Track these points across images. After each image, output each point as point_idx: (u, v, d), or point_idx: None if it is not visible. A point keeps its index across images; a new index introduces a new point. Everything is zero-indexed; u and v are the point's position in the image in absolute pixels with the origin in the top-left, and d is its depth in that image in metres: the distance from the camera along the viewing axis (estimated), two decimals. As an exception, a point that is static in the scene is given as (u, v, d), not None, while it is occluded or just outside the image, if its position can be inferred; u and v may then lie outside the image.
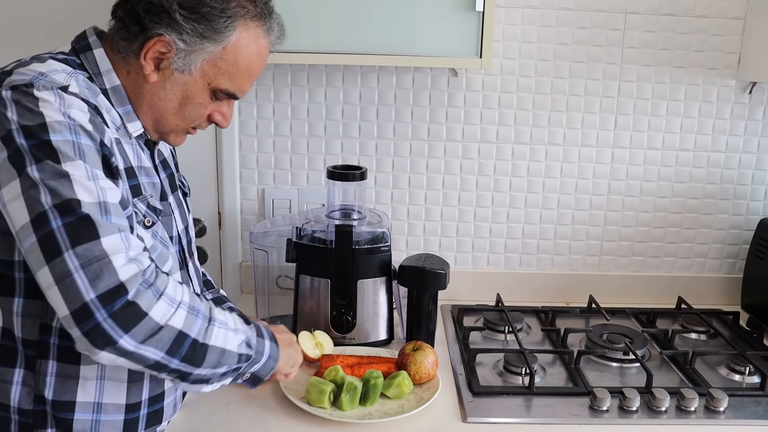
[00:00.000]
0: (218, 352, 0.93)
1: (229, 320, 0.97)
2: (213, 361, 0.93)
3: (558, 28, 1.56)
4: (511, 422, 1.16)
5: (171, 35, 0.94)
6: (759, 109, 1.62)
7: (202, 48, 0.96)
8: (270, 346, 1.05)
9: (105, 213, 0.85)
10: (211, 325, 0.92)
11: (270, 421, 1.13)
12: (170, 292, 0.88)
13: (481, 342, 1.47)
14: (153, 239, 1.00)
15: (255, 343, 1.00)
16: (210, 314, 0.93)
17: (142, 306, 0.84)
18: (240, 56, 0.99)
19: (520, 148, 1.63)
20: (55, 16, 1.48)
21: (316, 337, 1.30)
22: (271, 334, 1.07)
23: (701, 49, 1.58)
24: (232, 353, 0.95)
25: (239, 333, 0.97)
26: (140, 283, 0.84)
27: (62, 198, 0.82)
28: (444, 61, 1.34)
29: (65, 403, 0.96)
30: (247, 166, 1.65)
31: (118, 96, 0.99)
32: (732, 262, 1.72)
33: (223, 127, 1.08)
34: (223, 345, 0.93)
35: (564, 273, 1.71)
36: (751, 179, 1.67)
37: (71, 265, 0.81)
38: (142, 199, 0.99)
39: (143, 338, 0.84)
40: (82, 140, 0.87)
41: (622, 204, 1.68)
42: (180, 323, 0.88)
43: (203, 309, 0.93)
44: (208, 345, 0.91)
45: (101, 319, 0.81)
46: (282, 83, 1.59)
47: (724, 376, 1.33)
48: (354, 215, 1.44)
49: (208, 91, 1.01)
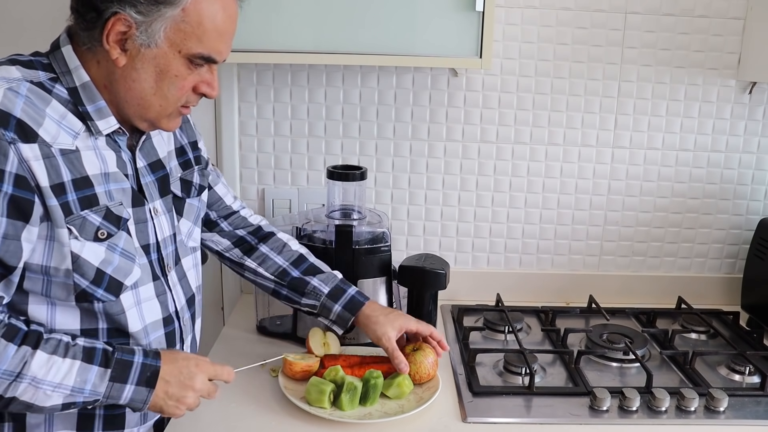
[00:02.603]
0: (25, 405, 0.90)
1: (50, 374, 0.90)
2: (20, 408, 0.90)
3: (558, 28, 1.56)
4: (511, 422, 1.16)
5: (126, 10, 0.90)
6: (759, 109, 1.62)
7: (160, 14, 0.92)
8: (133, 391, 0.95)
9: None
10: (16, 383, 0.88)
11: (270, 421, 1.13)
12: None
13: (481, 342, 1.47)
14: (109, 252, 0.96)
15: (101, 392, 0.93)
16: (20, 370, 0.88)
17: None
18: (203, 15, 0.94)
19: (520, 148, 1.63)
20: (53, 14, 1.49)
21: (326, 337, 1.29)
22: (141, 378, 0.96)
23: (701, 49, 1.58)
24: (48, 408, 0.91)
25: (59, 389, 0.91)
26: None
27: None
28: (444, 61, 1.34)
29: None
30: (247, 166, 1.64)
31: (89, 93, 0.96)
32: (732, 262, 1.72)
33: (211, 97, 1.02)
34: (32, 401, 0.90)
35: (564, 273, 1.71)
36: (751, 179, 1.67)
37: None
38: (97, 210, 0.95)
39: None
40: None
41: (622, 204, 1.68)
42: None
43: (9, 366, 0.88)
44: (14, 398, 0.89)
45: None
46: (282, 83, 1.59)
47: (724, 376, 1.33)
48: (354, 215, 1.44)
49: (183, 60, 0.96)
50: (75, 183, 0.93)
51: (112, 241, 0.97)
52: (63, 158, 0.92)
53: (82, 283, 0.94)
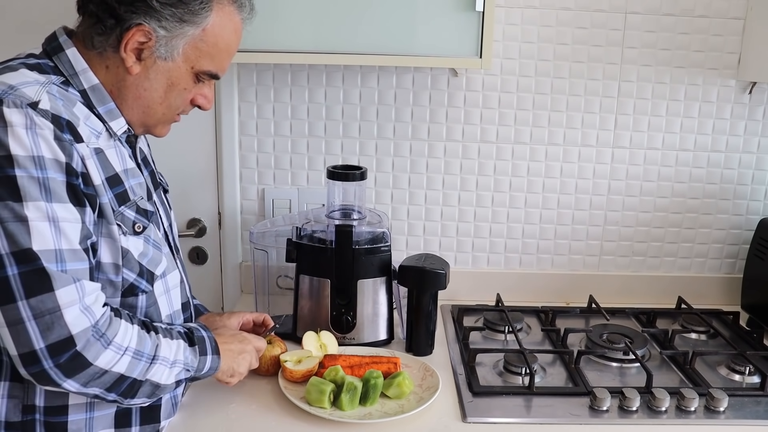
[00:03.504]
0: (153, 385, 0.96)
1: (171, 353, 0.98)
2: (148, 392, 0.97)
3: (558, 28, 1.56)
4: (511, 422, 1.16)
5: (150, 23, 0.93)
6: (759, 109, 1.62)
7: (182, 32, 0.96)
8: (211, 360, 1.06)
9: (60, 261, 0.86)
10: (152, 365, 0.95)
11: (270, 421, 1.13)
12: (119, 341, 0.91)
13: (481, 342, 1.47)
14: (145, 244, 1.00)
15: (195, 366, 1.02)
16: (155, 353, 0.96)
17: (89, 357, 0.88)
18: (219, 36, 1.00)
19: (520, 148, 1.63)
20: (49, 12, 1.49)
21: (321, 338, 1.30)
22: (213, 347, 1.06)
23: (701, 49, 1.58)
24: (168, 385, 0.99)
25: (176, 365, 0.99)
26: (90, 335, 0.87)
27: (19, 246, 0.83)
28: (444, 61, 1.34)
29: (58, 408, 0.97)
30: (247, 166, 1.64)
31: (98, 95, 0.98)
32: (732, 262, 1.72)
33: (206, 109, 1.08)
34: (159, 380, 0.97)
35: (564, 273, 1.71)
36: (751, 179, 1.67)
37: (24, 314, 0.84)
38: (130, 205, 0.98)
39: (86, 382, 0.89)
40: (47, 174, 0.86)
41: (622, 204, 1.68)
42: (123, 368, 0.92)
43: (148, 350, 0.95)
44: (147, 380, 0.95)
45: (47, 367, 0.85)
46: (282, 83, 1.59)
47: (724, 376, 1.33)
48: (354, 215, 1.44)
49: (192, 74, 1.01)
50: (109, 181, 0.96)
51: (146, 233, 1.01)
52: (98, 157, 0.95)
53: (130, 277, 0.98)
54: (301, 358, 1.23)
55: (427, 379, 1.25)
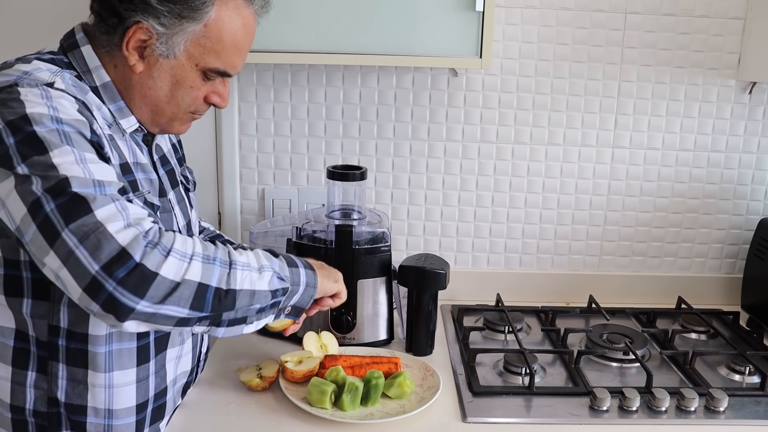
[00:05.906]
0: (248, 294, 0.90)
1: (252, 260, 0.93)
2: (245, 303, 0.91)
3: (558, 28, 1.56)
4: (511, 422, 1.16)
5: (149, 21, 0.92)
6: (759, 109, 1.62)
7: (182, 29, 0.94)
8: (306, 274, 1.01)
9: (97, 186, 0.83)
10: (232, 270, 0.89)
11: (270, 421, 1.13)
12: (179, 247, 0.85)
13: (481, 342, 1.47)
14: None
15: (288, 275, 0.98)
16: (229, 258, 0.90)
17: (150, 266, 0.81)
18: (224, 31, 0.96)
19: (520, 148, 1.63)
20: (54, 11, 1.49)
21: (321, 339, 1.30)
22: (305, 262, 1.04)
23: (701, 49, 1.58)
24: (263, 292, 0.93)
25: (265, 270, 0.94)
26: (144, 245, 0.81)
27: (52, 182, 0.81)
28: (444, 61, 1.34)
29: (77, 407, 0.97)
30: (247, 166, 1.64)
31: (109, 92, 0.98)
32: (732, 262, 1.72)
33: (221, 107, 1.05)
34: (251, 286, 0.91)
35: (564, 273, 1.71)
36: (751, 179, 1.67)
37: (71, 243, 0.79)
38: (138, 195, 0.97)
39: (161, 299, 0.82)
40: (66, 128, 0.85)
41: (622, 204, 1.68)
42: (197, 275, 0.85)
43: (220, 255, 0.89)
44: (235, 290, 0.89)
45: (111, 288, 0.79)
46: (282, 83, 1.59)
47: (724, 376, 1.33)
48: (354, 215, 1.44)
49: (198, 72, 0.98)
50: (121, 167, 0.96)
51: None
52: (111, 142, 0.95)
53: None
54: (302, 359, 1.23)
55: (427, 379, 1.25)
